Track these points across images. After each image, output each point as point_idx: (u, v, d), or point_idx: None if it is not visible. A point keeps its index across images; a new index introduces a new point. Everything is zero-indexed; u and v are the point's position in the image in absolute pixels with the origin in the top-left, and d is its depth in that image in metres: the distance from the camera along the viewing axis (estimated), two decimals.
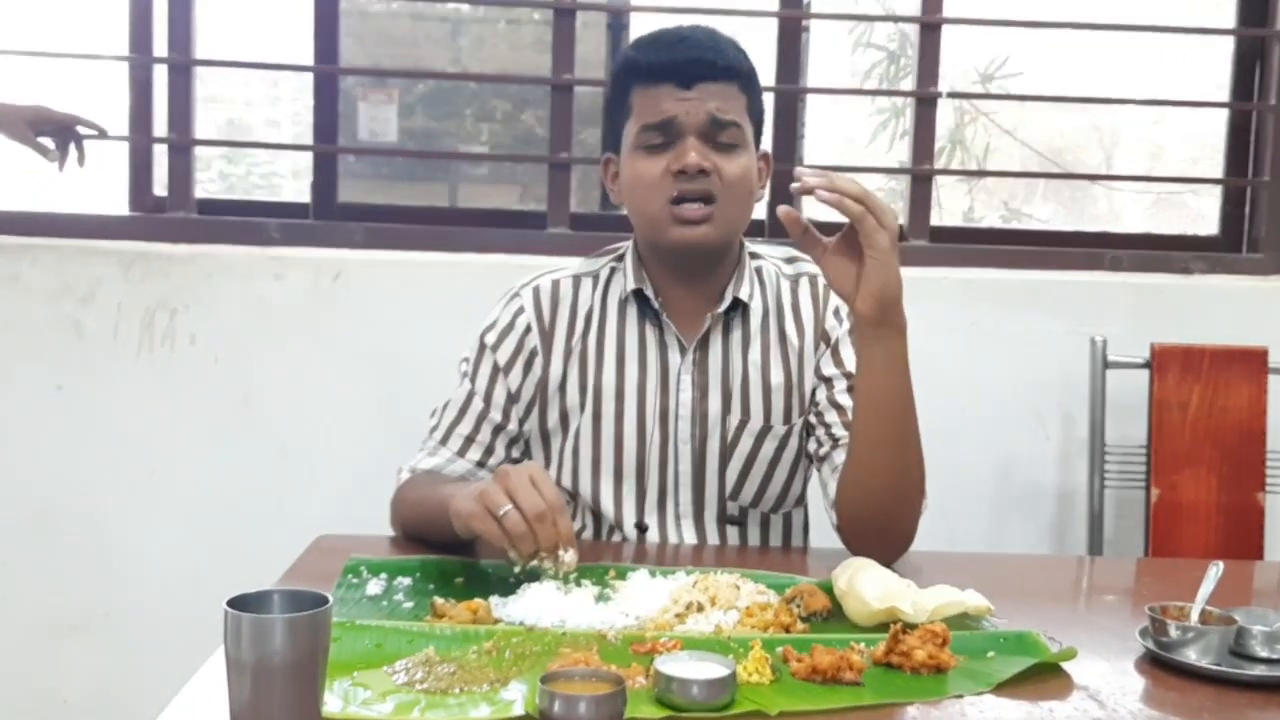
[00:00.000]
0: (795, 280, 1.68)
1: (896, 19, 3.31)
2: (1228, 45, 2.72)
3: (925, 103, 2.58)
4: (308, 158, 2.63)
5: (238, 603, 0.96)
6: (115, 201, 2.58)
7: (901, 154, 2.73)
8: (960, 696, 1.12)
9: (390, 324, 2.44)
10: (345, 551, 1.46)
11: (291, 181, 3.30)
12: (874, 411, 1.48)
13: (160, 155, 2.57)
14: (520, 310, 1.66)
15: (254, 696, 0.93)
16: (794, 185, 1.40)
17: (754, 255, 1.68)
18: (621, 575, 1.40)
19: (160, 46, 2.52)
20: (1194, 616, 1.24)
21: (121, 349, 2.42)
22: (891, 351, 1.45)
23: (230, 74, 2.66)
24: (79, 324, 2.42)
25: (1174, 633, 1.22)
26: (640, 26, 3.07)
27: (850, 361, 1.61)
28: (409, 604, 1.31)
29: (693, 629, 1.24)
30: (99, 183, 2.53)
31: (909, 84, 2.68)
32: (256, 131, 3.54)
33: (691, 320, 1.63)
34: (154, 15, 2.51)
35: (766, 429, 1.63)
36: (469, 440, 1.64)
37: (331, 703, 1.02)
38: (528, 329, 1.65)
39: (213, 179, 3.43)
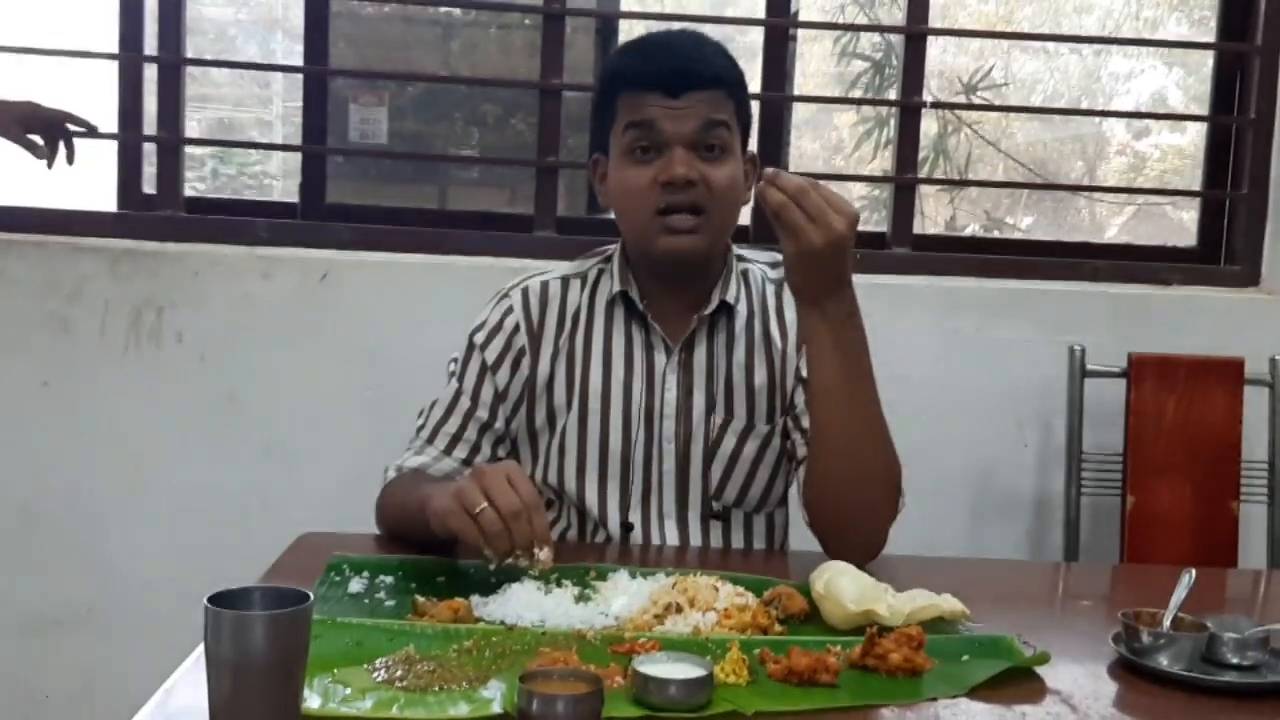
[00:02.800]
0: (780, 283, 1.69)
1: (882, 29, 3.34)
2: (1208, 59, 2.75)
3: (909, 112, 2.60)
4: (299, 159, 2.64)
5: (218, 599, 0.96)
6: (104, 199, 2.59)
7: (885, 162, 2.75)
8: (934, 699, 1.13)
9: (376, 324, 2.45)
10: (328, 549, 1.46)
11: (283, 182, 3.31)
12: (818, 399, 1.51)
13: (149, 154, 2.57)
14: (509, 310, 1.68)
15: (233, 693, 0.94)
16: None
17: (740, 258, 1.70)
18: (602, 576, 1.41)
19: (150, 45, 2.52)
20: (1166, 623, 1.26)
21: (108, 346, 2.42)
22: (821, 333, 1.47)
23: (223, 74, 2.67)
24: (66, 321, 2.42)
25: (1146, 639, 1.23)
26: (629, 33, 3.09)
27: None
28: (391, 602, 1.32)
29: (671, 630, 1.25)
30: (88, 180, 2.53)
31: (894, 93, 2.70)
32: (249, 132, 3.54)
33: (677, 322, 1.65)
34: (144, 14, 2.51)
35: (749, 428, 1.65)
36: (455, 438, 1.65)
37: (311, 699, 1.03)
38: (516, 328, 1.66)
39: (204, 178, 3.44)
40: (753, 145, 1.68)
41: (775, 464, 1.68)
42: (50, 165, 2.29)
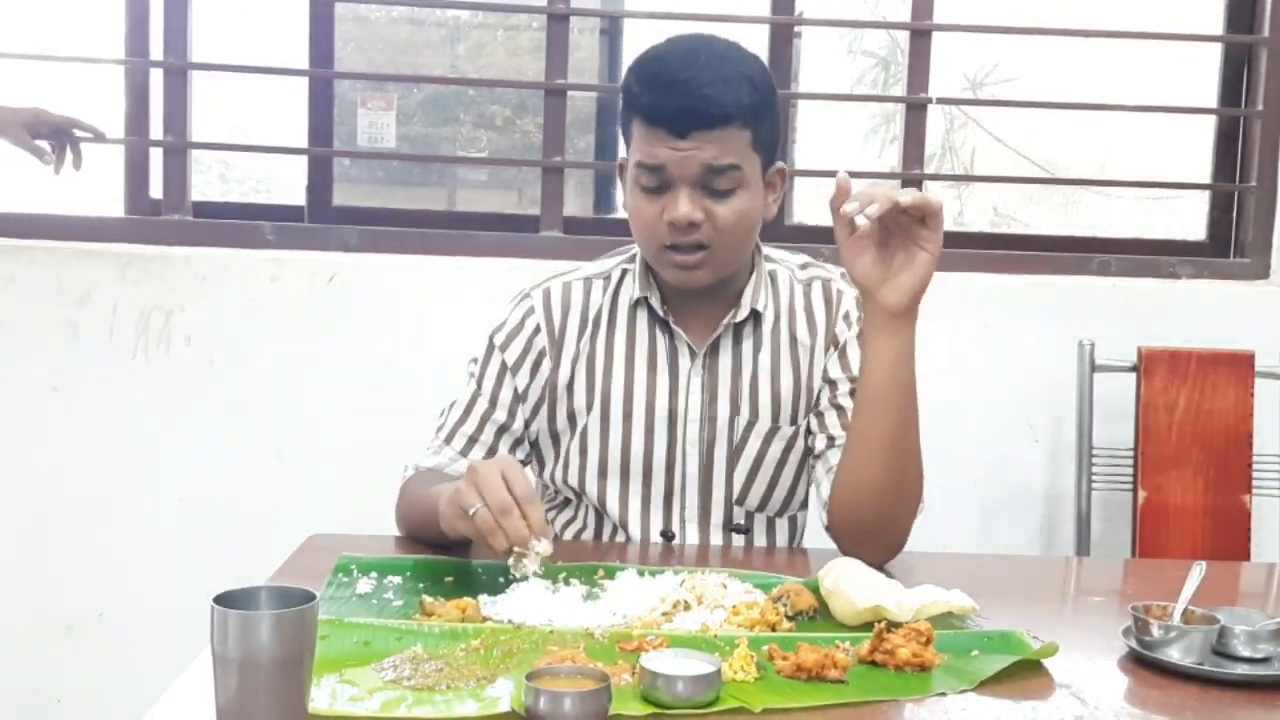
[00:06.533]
0: (808, 284, 1.68)
1: (887, 25, 3.33)
2: (1216, 51, 2.74)
3: (915, 108, 2.60)
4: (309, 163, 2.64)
5: (224, 599, 0.96)
6: (111, 204, 2.59)
7: (892, 159, 2.74)
8: (943, 694, 1.13)
9: (384, 326, 2.45)
10: (336, 550, 1.46)
11: (293, 186, 3.31)
12: (878, 404, 1.49)
13: (156, 158, 2.58)
14: (530, 311, 1.66)
15: (240, 693, 0.94)
16: (861, 221, 1.41)
17: (768, 259, 1.69)
18: (610, 574, 1.41)
19: (156, 50, 2.53)
20: (1176, 616, 1.25)
21: (117, 351, 2.43)
22: (906, 344, 1.48)
23: (235, 79, 2.68)
24: (75, 326, 2.43)
25: (1156, 632, 1.22)
26: (633, 32, 3.09)
27: (855, 365, 1.61)
28: (399, 602, 1.32)
29: (679, 627, 1.25)
30: (95, 185, 2.54)
31: (900, 90, 2.70)
32: (260, 136, 3.55)
33: (702, 325, 1.64)
34: (150, 19, 2.52)
35: (774, 429, 1.64)
36: (472, 440, 1.65)
37: (319, 699, 1.03)
38: (536, 329, 1.65)
39: (211, 182, 3.45)
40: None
41: (799, 465, 1.67)
42: (58, 171, 2.30)
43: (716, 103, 1.49)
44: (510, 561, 1.30)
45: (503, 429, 1.65)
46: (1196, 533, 2.33)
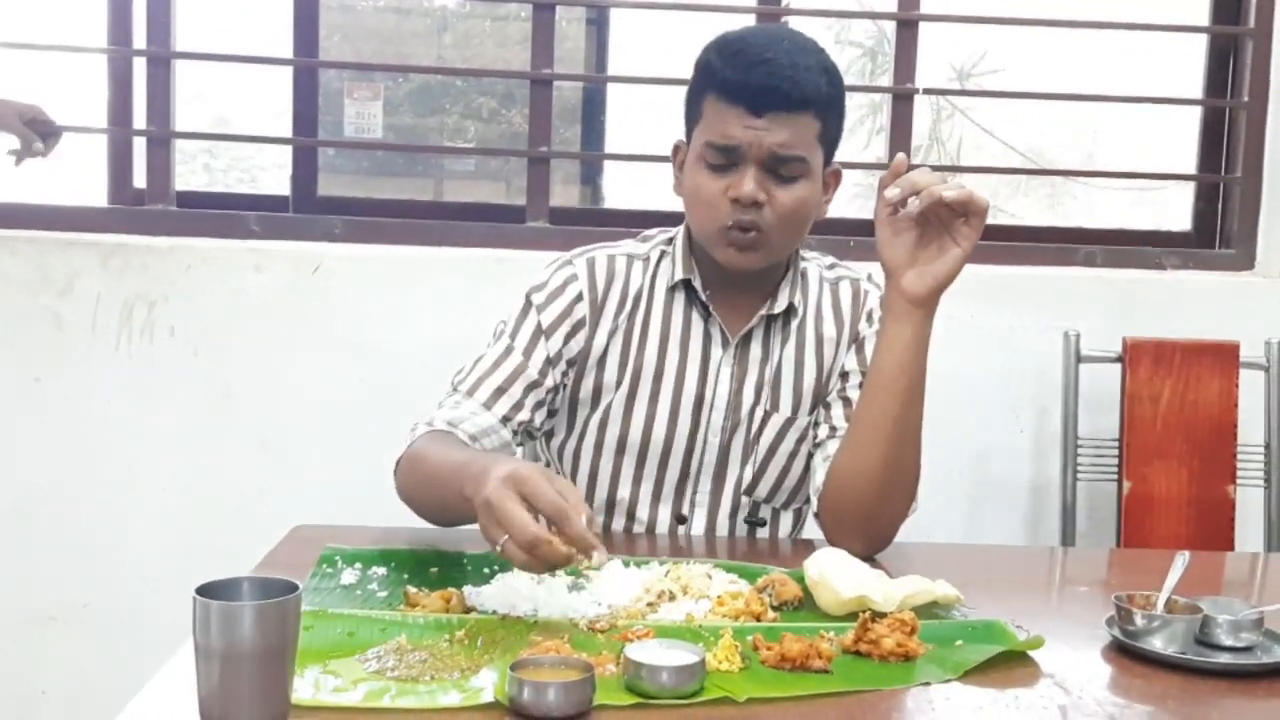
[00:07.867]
0: (835, 284, 1.70)
1: (874, 15, 3.33)
2: (1202, 43, 2.74)
3: (902, 99, 2.60)
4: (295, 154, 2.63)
5: (207, 590, 0.96)
6: (94, 194, 2.58)
7: (879, 150, 2.74)
8: (927, 684, 1.13)
9: (369, 317, 2.45)
10: (321, 541, 1.46)
11: (278, 176, 3.31)
12: (884, 392, 1.51)
13: (140, 148, 2.56)
14: (573, 277, 1.65)
15: (222, 683, 0.94)
16: (915, 206, 1.46)
17: (801, 256, 1.70)
18: (595, 565, 1.41)
19: (140, 39, 2.52)
20: (1160, 605, 1.26)
21: (100, 341, 2.42)
22: (919, 334, 1.50)
23: (220, 69, 2.67)
24: (58, 316, 2.41)
25: (1139, 621, 1.23)
26: (620, 22, 3.08)
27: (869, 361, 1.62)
28: (383, 593, 1.32)
29: (664, 617, 1.25)
30: (78, 175, 2.53)
31: (887, 80, 2.70)
32: (244, 126, 3.53)
33: (737, 314, 1.65)
34: (133, 7, 2.51)
35: (791, 421, 1.65)
36: (500, 392, 1.60)
37: (302, 690, 1.03)
38: (579, 296, 1.64)
39: (195, 172, 3.43)
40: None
41: (809, 458, 1.68)
42: (18, 162, 2.27)
43: (797, 86, 1.51)
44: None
45: (532, 386, 1.61)
46: (1181, 523, 2.34)
